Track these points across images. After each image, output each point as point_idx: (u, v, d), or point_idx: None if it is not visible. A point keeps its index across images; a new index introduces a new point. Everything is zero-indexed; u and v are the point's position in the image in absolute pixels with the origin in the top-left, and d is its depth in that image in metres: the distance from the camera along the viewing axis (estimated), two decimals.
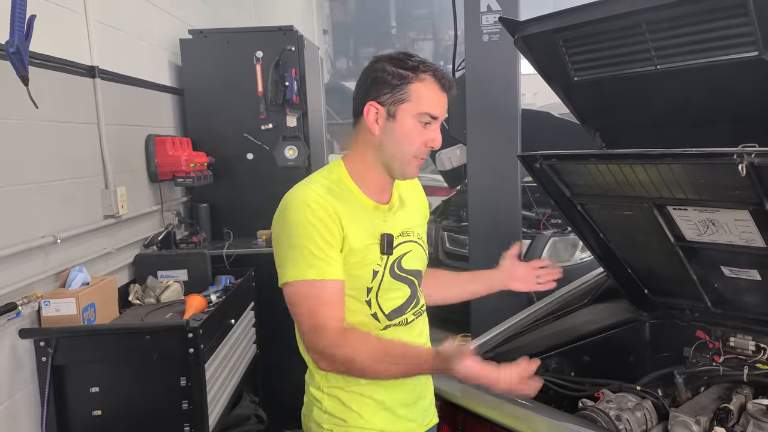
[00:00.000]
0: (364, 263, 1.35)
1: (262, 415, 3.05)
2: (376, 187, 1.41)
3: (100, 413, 2.15)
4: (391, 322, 1.41)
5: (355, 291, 1.36)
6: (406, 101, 1.32)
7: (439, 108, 1.35)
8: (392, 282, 1.40)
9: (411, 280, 1.45)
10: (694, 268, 1.85)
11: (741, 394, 1.66)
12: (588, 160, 1.71)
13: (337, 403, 1.39)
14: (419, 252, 1.49)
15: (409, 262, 1.44)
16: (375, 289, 1.38)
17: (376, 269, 1.37)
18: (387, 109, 1.33)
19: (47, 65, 2.24)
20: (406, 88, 1.31)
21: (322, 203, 1.30)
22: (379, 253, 1.37)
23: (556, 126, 4.15)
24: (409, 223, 1.48)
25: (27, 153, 2.12)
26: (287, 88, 3.37)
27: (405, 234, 1.45)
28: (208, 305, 2.55)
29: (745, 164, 1.35)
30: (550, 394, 1.83)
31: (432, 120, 1.34)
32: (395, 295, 1.42)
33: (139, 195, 2.95)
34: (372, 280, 1.37)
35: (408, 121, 1.33)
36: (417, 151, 1.35)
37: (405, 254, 1.43)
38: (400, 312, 1.42)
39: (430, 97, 1.33)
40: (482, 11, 2.91)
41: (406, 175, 1.39)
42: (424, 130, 1.34)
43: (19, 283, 2.03)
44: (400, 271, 1.42)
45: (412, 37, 14.41)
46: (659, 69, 1.65)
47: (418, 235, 1.49)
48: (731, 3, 1.43)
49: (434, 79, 1.33)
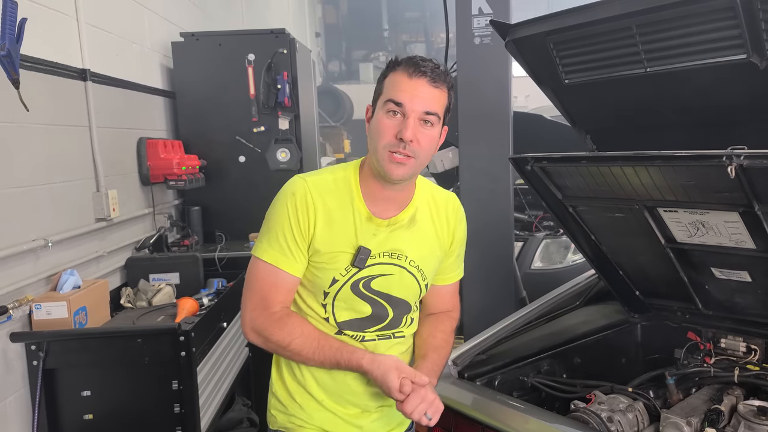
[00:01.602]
0: (326, 267, 1.35)
1: (254, 418, 3.03)
2: (379, 197, 1.36)
3: (91, 417, 2.13)
4: (343, 331, 1.39)
5: (314, 289, 1.38)
6: (380, 94, 1.32)
7: (403, 94, 1.26)
8: (352, 296, 1.36)
9: (378, 302, 1.38)
10: (684, 270, 1.86)
11: (732, 395, 1.67)
12: (579, 163, 1.71)
13: (284, 391, 1.44)
14: (406, 280, 1.39)
15: (383, 285, 1.37)
16: (331, 295, 1.36)
17: (337, 277, 1.35)
18: (373, 107, 1.35)
19: (38, 68, 2.23)
20: (383, 83, 1.33)
21: (304, 197, 1.33)
22: (349, 264, 1.34)
23: (548, 128, 4.17)
24: (407, 248, 1.38)
25: (18, 156, 2.11)
26: (279, 90, 3.37)
27: (392, 256, 1.37)
28: (200, 308, 2.54)
29: (734, 166, 1.36)
30: (542, 396, 1.83)
31: (396, 107, 1.27)
32: (353, 309, 1.38)
33: (130, 198, 2.93)
34: (329, 285, 1.36)
35: (378, 113, 1.31)
36: (388, 143, 1.27)
37: (380, 276, 1.36)
38: (354, 327, 1.39)
39: (395, 84, 1.29)
40: (474, 14, 2.92)
41: (388, 171, 1.29)
42: (394, 120, 1.27)
43: (10, 286, 2.01)
44: (366, 290, 1.36)
45: (404, 39, 14.45)
46: (649, 71, 1.66)
47: (413, 263, 1.39)
48: (720, 6, 1.44)
49: (404, 67, 1.29)
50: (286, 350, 1.34)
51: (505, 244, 3.12)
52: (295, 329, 1.33)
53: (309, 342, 1.32)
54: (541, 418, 1.55)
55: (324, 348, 1.32)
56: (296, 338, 1.32)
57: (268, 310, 1.33)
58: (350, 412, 1.42)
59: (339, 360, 1.32)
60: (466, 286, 3.08)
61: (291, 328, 1.33)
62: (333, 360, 1.32)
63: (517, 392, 1.85)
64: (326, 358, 1.32)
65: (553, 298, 2.22)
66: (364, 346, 1.39)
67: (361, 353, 1.32)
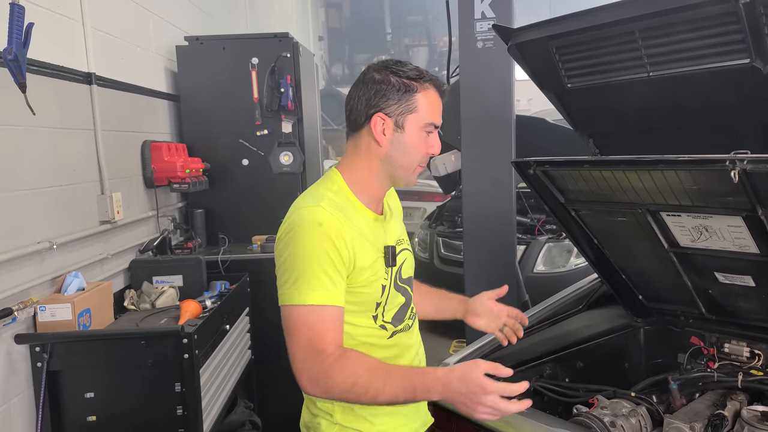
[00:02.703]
0: (373, 279, 1.33)
1: (256, 421, 3.04)
2: (374, 198, 1.41)
3: (94, 419, 2.14)
4: (396, 329, 1.42)
5: (364, 307, 1.35)
6: (413, 111, 1.32)
7: (440, 116, 1.37)
8: (395, 293, 1.41)
9: (405, 288, 1.46)
10: (688, 275, 1.85)
11: (736, 400, 1.66)
12: (581, 167, 1.72)
13: (349, 413, 1.36)
14: (411, 259, 1.52)
15: (406, 271, 1.46)
16: (383, 304, 1.38)
17: (384, 283, 1.36)
18: (395, 120, 1.32)
19: (44, 72, 2.24)
20: (412, 98, 1.32)
21: (333, 223, 1.26)
22: (385, 266, 1.37)
23: (550, 132, 4.18)
24: (400, 232, 1.49)
25: (24, 159, 2.12)
26: (282, 94, 3.38)
27: (399, 243, 1.46)
28: (203, 311, 2.55)
29: (737, 170, 1.36)
30: (544, 400, 1.83)
31: (434, 129, 1.36)
32: (394, 304, 1.42)
33: (134, 201, 2.95)
34: (381, 295, 1.36)
35: (415, 131, 1.33)
36: (421, 159, 1.37)
37: (403, 263, 1.44)
38: (400, 318, 1.43)
39: (434, 106, 1.35)
40: (476, 18, 2.93)
41: (410, 183, 1.40)
42: (427, 138, 1.36)
43: (15, 288, 2.02)
44: (401, 282, 1.43)
45: (407, 43, 14.47)
46: (652, 76, 1.67)
47: (407, 242, 1.51)
48: (723, 11, 1.45)
49: (435, 87, 1.35)
50: (353, 391, 1.20)
51: (508, 247, 3.12)
52: (358, 365, 1.21)
53: (377, 374, 1.20)
54: (544, 422, 1.55)
55: (394, 374, 1.21)
56: (362, 374, 1.19)
57: (322, 355, 1.21)
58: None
59: (413, 380, 1.19)
60: (469, 290, 3.08)
61: (353, 365, 1.21)
62: (408, 385, 1.19)
63: (519, 396, 1.85)
64: (399, 386, 1.19)
65: (556, 302, 2.22)
66: (410, 333, 1.46)
67: (432, 369, 1.23)
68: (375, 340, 1.38)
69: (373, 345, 1.38)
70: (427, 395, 1.18)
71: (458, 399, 1.15)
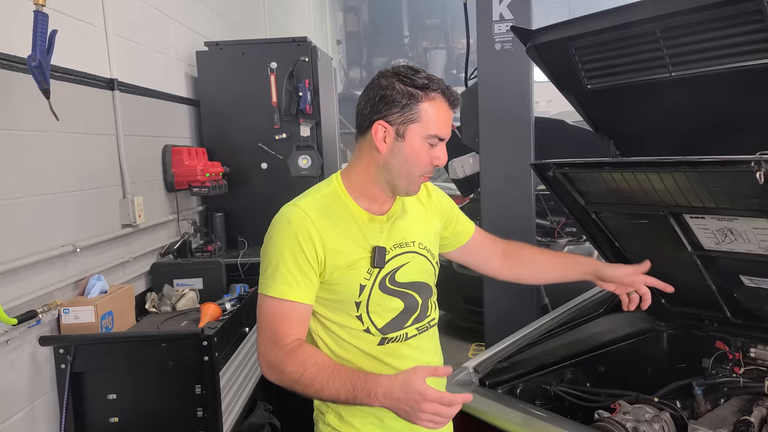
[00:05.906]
0: (349, 278, 1.33)
1: (276, 423, 3.05)
2: (375, 200, 1.39)
3: (117, 420, 2.17)
4: (386, 336, 1.37)
5: (343, 306, 1.35)
6: (416, 121, 1.28)
7: (446, 128, 1.32)
8: (382, 296, 1.36)
9: (407, 293, 1.40)
10: (712, 278, 1.82)
11: (762, 406, 1.63)
12: (602, 168, 1.70)
13: (337, 418, 1.38)
14: (421, 264, 1.43)
15: (406, 275, 1.40)
16: (364, 304, 1.35)
17: (363, 283, 1.34)
18: (396, 128, 1.29)
19: (68, 78, 2.28)
20: (416, 107, 1.28)
21: (302, 223, 1.30)
22: (370, 266, 1.34)
23: (570, 134, 4.13)
24: (410, 234, 1.42)
25: (48, 164, 2.17)
26: (301, 98, 3.40)
27: (402, 245, 1.40)
28: (222, 313, 2.57)
29: (763, 172, 1.33)
30: (565, 405, 1.81)
31: (439, 141, 1.31)
32: (388, 308, 1.37)
33: (155, 204, 2.99)
34: (359, 294, 1.34)
35: (416, 141, 1.29)
36: (424, 170, 1.33)
37: (400, 267, 1.39)
38: (395, 327, 1.38)
39: (440, 117, 1.29)
40: (495, 20, 2.92)
41: (410, 192, 1.37)
42: (431, 149, 1.32)
43: (39, 291, 2.06)
44: (393, 285, 1.38)
45: (425, 46, 14.50)
46: (674, 76, 1.64)
47: (421, 245, 1.43)
48: (747, 9, 1.42)
49: (443, 97, 1.30)
50: (300, 382, 1.23)
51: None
52: (308, 359, 1.24)
53: (323, 370, 1.22)
54: (565, 427, 1.53)
55: (340, 373, 1.21)
56: (309, 368, 1.23)
57: (279, 344, 1.28)
58: None
59: (356, 382, 1.19)
60: (489, 293, 3.06)
61: (304, 358, 1.24)
62: (349, 384, 1.19)
63: (539, 401, 1.83)
64: (341, 384, 1.20)
65: (577, 306, 2.19)
66: (409, 345, 1.40)
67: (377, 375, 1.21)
68: (363, 345, 1.36)
69: (363, 351, 1.36)
70: (368, 399, 1.18)
71: (398, 406, 1.15)
